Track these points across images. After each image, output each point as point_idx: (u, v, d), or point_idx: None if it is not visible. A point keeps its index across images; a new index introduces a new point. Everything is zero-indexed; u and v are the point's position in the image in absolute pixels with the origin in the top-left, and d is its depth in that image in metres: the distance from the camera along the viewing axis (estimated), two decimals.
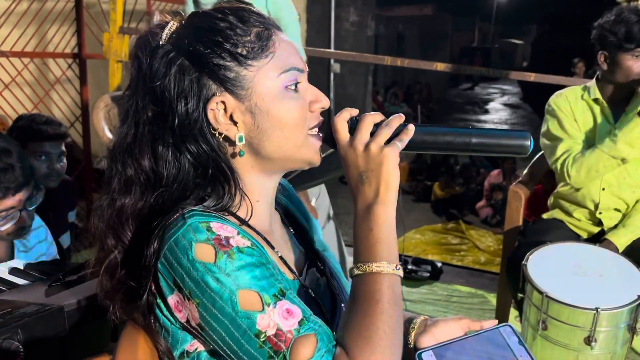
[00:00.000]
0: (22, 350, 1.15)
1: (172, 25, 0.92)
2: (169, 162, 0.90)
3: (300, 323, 0.82)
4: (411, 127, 0.92)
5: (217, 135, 0.91)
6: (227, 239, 0.84)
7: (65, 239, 2.69)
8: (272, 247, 0.96)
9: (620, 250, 2.24)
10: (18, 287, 1.45)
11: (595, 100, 2.34)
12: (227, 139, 0.92)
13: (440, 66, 3.64)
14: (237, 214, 0.93)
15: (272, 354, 0.80)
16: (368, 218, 0.89)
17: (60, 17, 4.37)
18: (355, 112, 0.95)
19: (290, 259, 1.02)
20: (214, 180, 0.91)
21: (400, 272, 0.88)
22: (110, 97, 3.28)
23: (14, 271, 1.53)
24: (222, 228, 0.85)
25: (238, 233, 0.86)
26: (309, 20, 8.10)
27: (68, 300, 1.32)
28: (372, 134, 0.91)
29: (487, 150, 0.93)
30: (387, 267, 0.86)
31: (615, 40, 2.20)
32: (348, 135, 0.92)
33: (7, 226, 1.65)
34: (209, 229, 0.84)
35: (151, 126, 0.90)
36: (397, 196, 0.91)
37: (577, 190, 2.38)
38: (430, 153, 0.97)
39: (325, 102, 0.96)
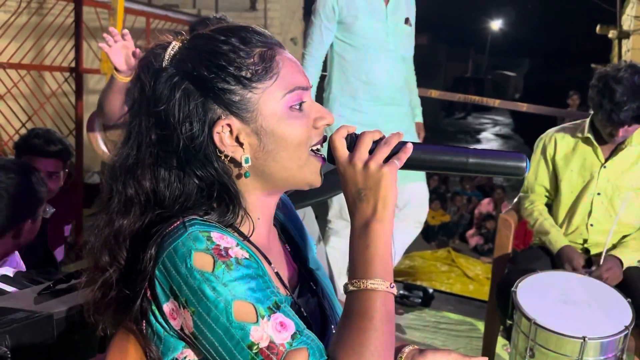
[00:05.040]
0: (9, 356, 1.15)
1: (175, 46, 0.93)
2: (172, 184, 0.91)
3: (293, 337, 0.82)
4: (409, 146, 0.93)
5: (222, 157, 0.91)
6: (227, 249, 0.84)
7: (60, 253, 2.68)
8: (269, 263, 0.97)
9: (625, 266, 2.26)
10: (7, 294, 1.45)
11: (587, 139, 2.39)
12: (232, 160, 0.92)
13: (435, 93, 3.68)
14: (240, 229, 0.94)
15: None
16: (365, 235, 0.89)
17: (59, 31, 4.40)
18: (353, 129, 0.95)
19: (285, 275, 1.02)
20: (219, 200, 0.92)
21: (394, 291, 0.88)
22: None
23: (3, 278, 1.52)
24: (222, 238, 0.85)
25: (237, 244, 0.86)
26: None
27: (57, 308, 1.32)
28: (371, 152, 0.92)
29: (483, 170, 0.94)
30: (381, 284, 0.87)
31: (603, 113, 2.23)
32: (347, 152, 0.93)
33: None
34: (209, 238, 0.84)
35: (154, 149, 0.91)
36: (394, 214, 0.91)
37: (565, 228, 2.47)
38: (427, 172, 0.97)
39: (330, 119, 0.97)
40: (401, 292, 3.72)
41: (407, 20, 2.94)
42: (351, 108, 2.92)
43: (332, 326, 1.06)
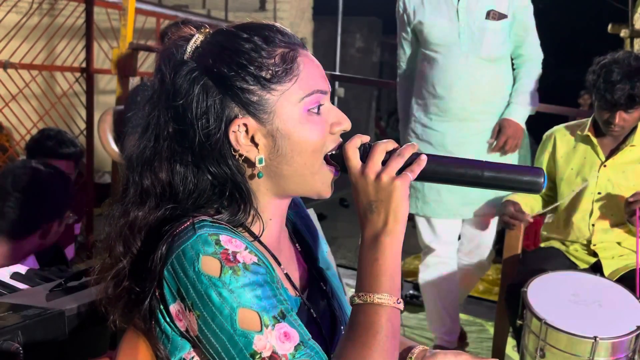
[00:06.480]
0: (21, 352, 1.16)
1: (197, 39, 0.92)
2: (187, 178, 0.91)
3: (296, 348, 0.82)
4: (424, 158, 0.91)
5: (237, 156, 0.91)
6: (235, 254, 0.84)
7: (70, 251, 2.69)
8: (279, 264, 0.97)
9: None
10: (19, 291, 1.46)
11: (586, 137, 2.38)
12: (246, 160, 0.92)
13: None
14: (251, 229, 0.94)
15: None
16: (374, 248, 0.89)
17: (70, 32, 4.43)
18: (366, 138, 0.94)
19: (295, 276, 1.02)
20: (230, 198, 0.92)
21: (401, 306, 0.88)
22: (114, 111, 3.31)
23: (15, 276, 1.54)
24: (231, 242, 0.85)
25: (246, 248, 0.86)
26: (315, 44, 8.20)
27: (69, 305, 1.33)
28: (384, 163, 0.91)
29: (499, 185, 0.92)
30: (388, 299, 0.86)
31: (597, 95, 2.22)
32: (359, 162, 0.92)
33: None
34: (217, 242, 0.84)
35: (171, 142, 0.91)
36: (405, 228, 0.90)
37: (566, 229, 2.45)
38: (441, 184, 0.94)
39: (347, 125, 0.96)
40: (410, 292, 3.72)
41: (489, 14, 2.40)
42: (422, 124, 2.55)
43: (342, 327, 1.06)
